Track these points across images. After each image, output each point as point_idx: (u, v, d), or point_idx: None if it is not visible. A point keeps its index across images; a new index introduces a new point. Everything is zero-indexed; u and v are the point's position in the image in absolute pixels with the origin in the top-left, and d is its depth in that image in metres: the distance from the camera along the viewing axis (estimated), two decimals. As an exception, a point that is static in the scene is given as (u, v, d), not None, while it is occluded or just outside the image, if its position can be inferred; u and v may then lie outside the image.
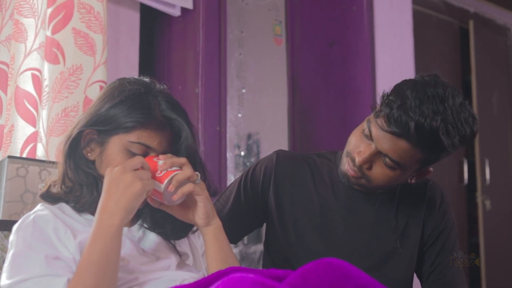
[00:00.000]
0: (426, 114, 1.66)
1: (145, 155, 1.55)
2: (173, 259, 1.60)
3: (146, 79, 1.66)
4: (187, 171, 1.51)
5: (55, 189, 1.59)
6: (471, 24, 4.91)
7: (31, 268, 1.38)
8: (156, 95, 1.60)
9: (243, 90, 3.22)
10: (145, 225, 1.65)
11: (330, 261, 1.20)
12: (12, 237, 1.48)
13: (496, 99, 5.13)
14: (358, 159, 1.79)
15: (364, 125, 1.82)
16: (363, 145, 1.79)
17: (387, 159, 1.76)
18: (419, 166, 1.80)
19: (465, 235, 4.79)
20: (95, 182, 1.56)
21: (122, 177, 1.41)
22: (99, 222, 1.40)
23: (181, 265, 1.62)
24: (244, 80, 3.24)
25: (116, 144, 1.54)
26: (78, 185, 1.56)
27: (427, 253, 1.97)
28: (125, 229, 1.59)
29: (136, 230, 1.63)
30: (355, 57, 3.82)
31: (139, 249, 1.57)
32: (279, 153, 2.03)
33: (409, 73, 4.05)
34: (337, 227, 1.92)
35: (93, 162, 1.58)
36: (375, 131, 1.76)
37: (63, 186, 1.58)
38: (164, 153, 1.57)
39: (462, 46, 4.95)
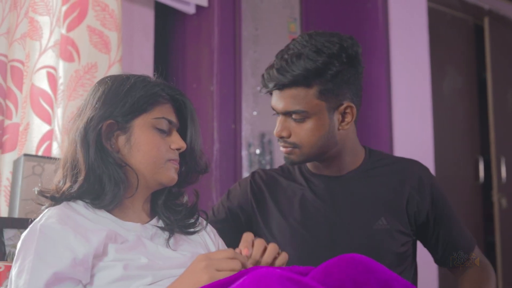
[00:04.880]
0: (280, 60, 1.83)
1: (168, 130, 1.62)
2: (188, 256, 1.59)
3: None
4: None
5: (72, 190, 1.56)
6: (486, 21, 4.87)
7: (39, 284, 1.39)
8: (150, 80, 1.66)
9: (258, 88, 3.21)
10: (159, 225, 1.66)
11: (352, 257, 1.20)
12: (18, 247, 1.47)
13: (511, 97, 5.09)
14: (275, 132, 1.87)
15: None
16: (276, 123, 1.89)
17: (293, 115, 1.84)
18: (325, 103, 1.84)
19: (481, 234, 4.75)
20: (124, 174, 1.56)
21: (204, 270, 1.39)
22: None
23: None
24: (259, 77, 3.23)
25: (142, 125, 1.58)
26: (107, 179, 1.54)
27: (427, 229, 1.99)
28: (138, 225, 1.60)
29: (150, 228, 1.63)
30: (370, 54, 3.79)
31: (155, 246, 1.57)
32: (254, 172, 2.09)
33: (424, 70, 4.03)
34: (318, 220, 1.93)
35: (117, 152, 1.58)
36: (271, 103, 1.89)
37: (84, 185, 1.55)
38: (177, 129, 1.66)
39: (477, 44, 4.92)
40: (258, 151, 3.17)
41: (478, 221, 4.71)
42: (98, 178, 1.54)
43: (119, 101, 1.58)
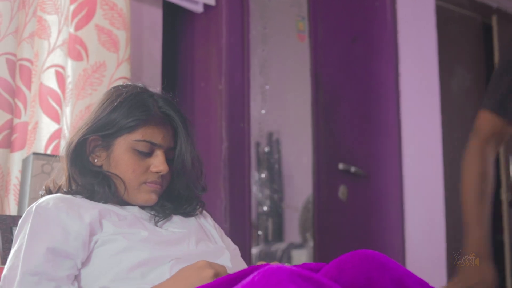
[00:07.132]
0: None
1: (151, 152, 1.60)
2: (185, 232, 1.63)
3: (140, 84, 1.72)
4: None
5: (65, 188, 1.64)
6: (494, 19, 4.85)
7: (32, 260, 1.41)
8: (152, 94, 1.66)
9: (267, 87, 3.20)
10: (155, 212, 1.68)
11: (366, 252, 1.19)
12: (17, 229, 1.51)
13: (520, 95, 5.07)
14: None
15: None
16: None
17: None
18: None
19: (489, 232, 4.73)
20: (106, 180, 1.60)
21: (204, 270, 1.38)
22: None
23: (198, 242, 1.63)
24: (268, 76, 3.22)
25: (122, 145, 1.60)
26: (89, 185, 1.59)
27: None
28: (136, 208, 1.64)
29: (148, 211, 1.67)
30: (379, 52, 3.79)
31: (152, 226, 1.60)
32: None
33: (432, 69, 4.02)
34: None
35: (100, 167, 1.63)
36: None
37: (70, 190, 1.62)
38: (169, 148, 1.64)
39: (485, 42, 4.90)
40: (266, 150, 3.17)
41: (487, 220, 4.69)
42: (81, 182, 1.60)
43: (105, 117, 1.61)
